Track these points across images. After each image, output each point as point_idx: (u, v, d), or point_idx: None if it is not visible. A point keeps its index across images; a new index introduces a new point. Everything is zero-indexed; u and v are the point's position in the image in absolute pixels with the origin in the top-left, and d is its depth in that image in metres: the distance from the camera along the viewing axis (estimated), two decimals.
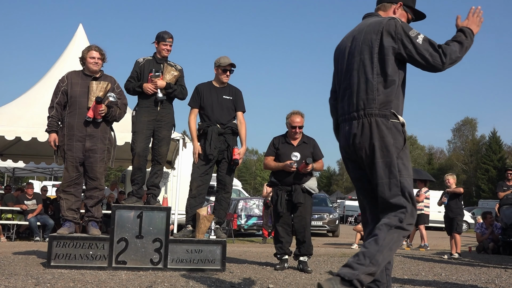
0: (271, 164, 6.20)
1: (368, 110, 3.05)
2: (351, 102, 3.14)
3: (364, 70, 3.09)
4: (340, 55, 3.31)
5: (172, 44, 5.99)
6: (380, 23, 3.09)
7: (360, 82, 3.10)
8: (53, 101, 5.75)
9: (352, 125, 3.11)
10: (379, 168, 3.02)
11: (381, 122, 3.03)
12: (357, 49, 3.15)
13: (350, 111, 3.14)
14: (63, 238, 5.38)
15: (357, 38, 3.18)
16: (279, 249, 6.14)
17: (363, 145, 3.06)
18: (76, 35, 11.93)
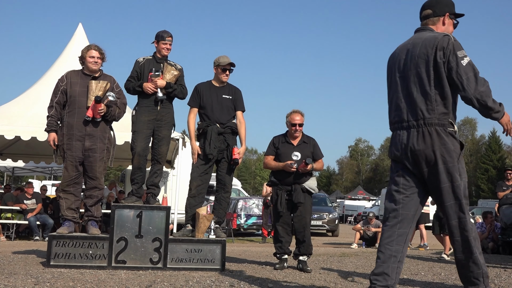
0: (271, 163, 6.20)
1: (428, 120, 3.30)
2: (409, 112, 3.38)
3: (422, 82, 3.33)
4: (393, 67, 3.54)
5: (172, 43, 5.99)
6: (435, 38, 3.33)
7: (418, 94, 3.34)
8: (53, 101, 5.75)
9: (410, 133, 3.36)
10: (442, 174, 3.30)
11: (440, 131, 3.30)
12: (413, 62, 3.38)
13: (408, 119, 3.38)
14: (62, 237, 5.38)
15: (412, 52, 3.40)
16: (279, 248, 6.14)
17: (423, 153, 3.31)
18: (75, 35, 11.92)
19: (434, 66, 3.31)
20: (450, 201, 3.37)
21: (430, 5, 3.55)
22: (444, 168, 3.30)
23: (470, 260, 3.37)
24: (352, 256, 8.34)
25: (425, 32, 3.50)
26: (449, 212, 3.39)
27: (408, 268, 6.66)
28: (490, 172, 55.09)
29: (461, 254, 3.39)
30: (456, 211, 3.35)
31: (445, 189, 3.33)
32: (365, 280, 5.35)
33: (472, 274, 3.38)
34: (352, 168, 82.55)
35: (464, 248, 3.38)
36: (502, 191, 10.86)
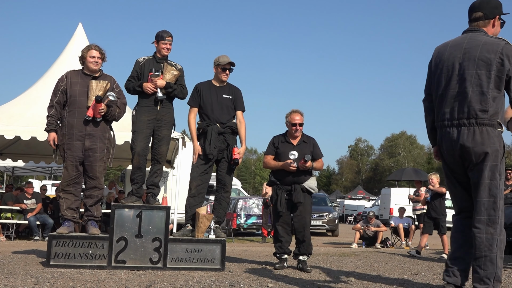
0: (271, 163, 6.20)
1: (481, 120, 3.50)
2: (461, 110, 3.55)
3: (480, 83, 3.50)
4: (445, 63, 3.67)
5: (172, 43, 5.99)
6: (497, 44, 3.52)
7: (474, 94, 3.51)
8: (53, 100, 5.75)
9: (461, 131, 3.54)
10: (486, 171, 3.50)
11: (490, 130, 3.50)
12: (471, 62, 3.54)
13: (459, 117, 3.56)
14: (62, 237, 5.38)
15: (470, 53, 3.56)
16: (279, 248, 6.14)
17: (472, 150, 3.50)
18: (75, 35, 11.92)
19: (496, 71, 3.48)
20: (485, 198, 3.53)
21: (481, 8, 3.68)
22: (488, 165, 3.49)
23: (487, 258, 3.46)
24: (352, 256, 8.35)
25: (479, 34, 3.65)
26: (480, 208, 3.54)
27: (408, 268, 6.66)
28: None
29: (481, 251, 3.49)
30: (488, 209, 3.51)
31: (483, 185, 3.52)
32: (364, 280, 5.35)
33: (485, 273, 3.45)
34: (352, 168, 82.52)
35: (486, 245, 3.47)
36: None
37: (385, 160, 74.14)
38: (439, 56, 3.75)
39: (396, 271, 6.28)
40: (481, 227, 3.51)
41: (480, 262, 3.50)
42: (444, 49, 3.73)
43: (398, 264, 7.16)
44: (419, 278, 5.68)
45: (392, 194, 28.39)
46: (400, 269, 6.53)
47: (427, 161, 70.62)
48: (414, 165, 66.48)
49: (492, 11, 3.68)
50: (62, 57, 11.66)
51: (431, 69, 3.81)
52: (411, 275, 5.96)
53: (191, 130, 6.02)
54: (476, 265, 3.52)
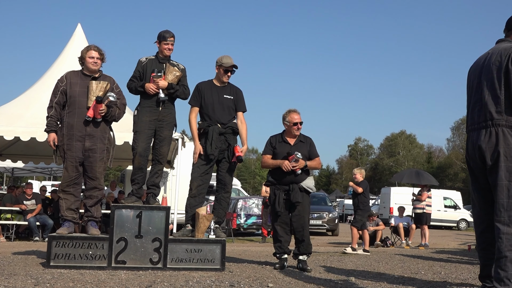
0: (269, 162, 6.21)
1: (496, 121, 3.60)
2: (481, 114, 3.70)
3: (493, 87, 3.63)
4: (473, 74, 3.85)
5: (174, 43, 5.98)
6: (510, 48, 3.64)
7: (489, 97, 3.65)
8: (52, 101, 5.74)
9: (480, 133, 3.67)
10: (501, 171, 3.55)
11: (507, 132, 3.58)
12: (487, 68, 3.69)
13: (479, 121, 3.71)
14: (62, 238, 5.38)
15: (489, 59, 3.72)
16: (278, 248, 6.14)
17: (488, 150, 3.61)
18: (74, 35, 11.92)
19: (505, 72, 3.59)
20: (504, 199, 3.56)
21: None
22: (504, 166, 3.54)
23: (508, 259, 3.48)
24: (352, 256, 8.36)
25: (504, 42, 3.80)
26: (500, 209, 3.57)
27: (408, 267, 6.67)
28: None
29: (501, 252, 3.52)
30: (508, 209, 3.54)
31: (500, 186, 3.56)
32: (364, 279, 5.36)
33: (505, 274, 3.48)
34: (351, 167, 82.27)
35: (506, 246, 3.50)
36: None
37: (384, 160, 74.12)
38: (470, 70, 3.91)
39: (396, 270, 6.28)
40: (502, 228, 3.53)
41: (500, 263, 3.51)
42: (476, 62, 3.89)
43: (398, 264, 7.16)
44: (419, 277, 5.68)
45: (392, 194, 28.39)
46: (400, 268, 6.53)
47: (426, 160, 70.63)
48: (413, 164, 66.48)
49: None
50: (61, 57, 11.66)
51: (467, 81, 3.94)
52: (411, 274, 5.96)
53: (192, 129, 6.00)
54: (497, 266, 3.53)
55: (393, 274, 5.88)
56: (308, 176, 6.16)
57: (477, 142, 3.69)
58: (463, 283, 5.40)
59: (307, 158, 6.11)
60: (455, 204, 28.69)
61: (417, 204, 13.03)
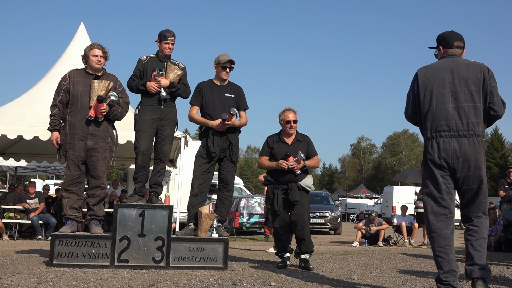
0: (265, 163, 6.22)
1: (477, 131, 3.98)
2: (460, 123, 4.00)
3: (473, 99, 4.00)
4: (435, 82, 4.12)
5: (175, 42, 5.98)
6: (480, 66, 4.09)
7: (470, 109, 3.99)
8: (55, 100, 5.75)
9: (462, 142, 3.96)
10: (479, 177, 3.97)
11: (481, 141, 4.01)
12: (461, 81, 4.04)
13: (459, 129, 3.99)
14: (65, 236, 5.39)
15: (458, 73, 4.07)
16: (280, 247, 6.14)
17: (473, 158, 3.94)
18: (77, 34, 11.92)
19: (483, 87, 4.01)
20: (479, 200, 4.02)
21: (462, 40, 4.28)
22: (480, 173, 3.97)
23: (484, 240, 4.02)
24: (355, 254, 8.35)
25: (459, 58, 4.20)
26: (479, 208, 4.05)
27: (411, 266, 6.66)
28: (492, 169, 54.87)
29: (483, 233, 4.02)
30: (484, 207, 4.06)
31: (483, 189, 4.00)
32: (367, 278, 5.35)
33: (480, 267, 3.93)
34: (354, 166, 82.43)
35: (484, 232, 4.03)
36: (504, 189, 10.85)
37: (387, 159, 74.06)
38: (426, 76, 4.16)
39: (399, 269, 6.27)
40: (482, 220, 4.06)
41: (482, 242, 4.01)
42: (430, 71, 4.17)
43: (401, 262, 7.15)
44: (422, 276, 5.68)
45: (394, 193, 28.36)
46: (403, 267, 6.53)
47: None
48: (416, 163, 66.35)
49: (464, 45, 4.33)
50: (64, 56, 11.66)
51: (418, 88, 4.18)
52: (413, 273, 5.96)
53: (199, 120, 5.99)
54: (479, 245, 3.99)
55: (395, 273, 5.88)
56: (307, 175, 6.16)
57: (461, 151, 3.96)
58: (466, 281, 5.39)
59: (305, 157, 6.11)
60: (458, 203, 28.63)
61: (419, 203, 13.01)
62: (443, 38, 4.31)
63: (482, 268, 3.90)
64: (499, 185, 11.17)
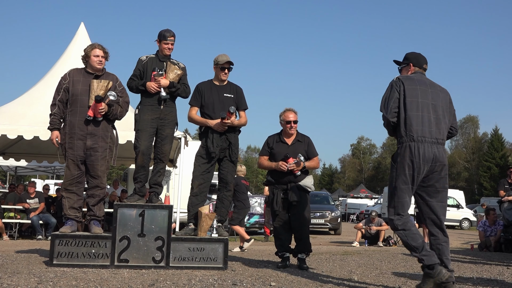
0: (264, 163, 6.22)
1: (445, 141, 4.50)
2: (438, 131, 4.43)
3: (445, 114, 4.51)
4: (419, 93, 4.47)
5: (174, 42, 5.98)
6: (446, 90, 4.66)
7: (444, 121, 4.49)
8: (55, 99, 5.74)
9: (439, 148, 4.39)
10: (446, 180, 4.46)
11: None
12: (437, 97, 4.52)
13: (437, 137, 4.41)
14: (65, 236, 5.39)
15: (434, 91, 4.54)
16: (280, 247, 6.14)
17: (445, 163, 4.42)
18: (77, 34, 11.92)
19: (449, 109, 4.58)
20: (444, 201, 4.48)
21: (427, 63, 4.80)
22: (446, 177, 4.46)
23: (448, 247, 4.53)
24: (355, 255, 8.35)
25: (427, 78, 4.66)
26: (443, 210, 4.47)
27: (411, 266, 6.66)
28: (492, 170, 54.94)
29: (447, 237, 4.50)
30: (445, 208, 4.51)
31: (446, 192, 4.49)
32: (367, 278, 5.35)
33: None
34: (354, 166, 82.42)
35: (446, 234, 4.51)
36: (504, 189, 10.85)
37: (387, 159, 73.93)
38: (411, 85, 4.48)
39: (399, 269, 6.28)
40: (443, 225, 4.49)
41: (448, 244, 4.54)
42: (414, 81, 4.52)
43: (400, 262, 7.15)
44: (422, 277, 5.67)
45: None
46: (403, 267, 6.53)
47: None
48: None
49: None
50: (64, 56, 11.67)
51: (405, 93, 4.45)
52: (413, 273, 5.96)
53: (199, 120, 5.99)
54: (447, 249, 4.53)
55: (395, 273, 5.87)
56: (307, 175, 6.16)
57: (438, 157, 4.38)
58: (466, 282, 5.39)
59: (305, 157, 6.11)
60: (458, 203, 28.66)
61: None
62: (415, 58, 4.77)
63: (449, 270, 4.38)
64: (499, 185, 11.18)
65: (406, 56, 4.79)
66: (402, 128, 4.38)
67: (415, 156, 4.30)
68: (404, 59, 4.79)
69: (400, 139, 4.40)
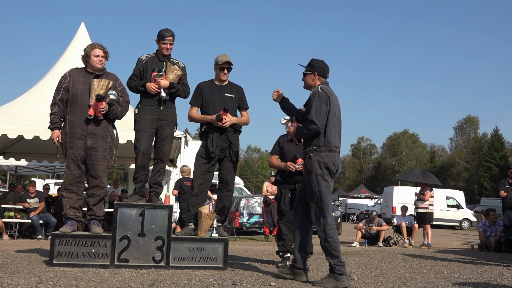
0: (274, 163, 6.27)
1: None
2: (340, 142, 4.97)
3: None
4: (337, 105, 4.95)
5: (173, 41, 5.97)
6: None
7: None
8: (55, 98, 5.73)
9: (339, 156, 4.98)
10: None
11: None
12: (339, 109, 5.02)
13: (339, 147, 4.97)
14: (65, 236, 5.39)
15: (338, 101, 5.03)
16: (281, 246, 6.14)
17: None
18: (78, 34, 11.94)
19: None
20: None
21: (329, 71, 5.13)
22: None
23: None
24: (355, 255, 8.35)
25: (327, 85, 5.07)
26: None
27: (411, 267, 6.66)
28: (492, 170, 54.93)
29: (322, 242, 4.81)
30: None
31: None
32: (367, 278, 5.35)
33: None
34: (354, 166, 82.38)
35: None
36: (505, 190, 10.86)
37: (387, 159, 74.01)
38: (332, 99, 4.90)
39: (399, 270, 6.28)
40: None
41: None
42: (333, 96, 4.93)
43: (400, 263, 7.15)
44: (421, 277, 5.68)
45: (394, 193, 28.36)
46: (403, 268, 6.53)
47: (429, 159, 70.49)
48: (416, 164, 66.36)
49: None
50: (64, 56, 11.68)
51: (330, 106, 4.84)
52: (413, 273, 5.96)
53: (199, 118, 5.99)
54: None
55: (395, 274, 5.88)
56: None
57: (340, 162, 4.97)
58: (466, 282, 5.39)
59: None
60: (458, 204, 28.65)
61: (420, 204, 13.01)
62: (321, 67, 5.01)
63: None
64: (500, 186, 11.18)
65: (312, 64, 5.04)
66: (322, 139, 4.82)
67: (334, 164, 4.83)
68: (310, 66, 5.04)
69: (318, 148, 4.81)
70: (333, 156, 4.84)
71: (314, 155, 4.81)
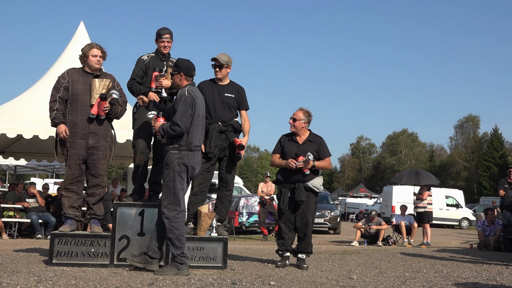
0: (276, 161, 6.28)
1: None
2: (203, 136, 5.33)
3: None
4: (201, 108, 5.22)
5: (172, 39, 5.97)
6: None
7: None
8: (55, 95, 5.68)
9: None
10: None
11: None
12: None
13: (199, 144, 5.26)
14: (65, 235, 5.39)
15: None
16: (281, 245, 6.14)
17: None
18: (77, 33, 11.92)
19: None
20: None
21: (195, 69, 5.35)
22: None
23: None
24: (354, 254, 8.35)
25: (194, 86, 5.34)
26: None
27: (410, 266, 6.67)
28: (492, 169, 54.92)
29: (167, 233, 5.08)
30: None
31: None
32: (366, 278, 5.36)
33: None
34: (353, 165, 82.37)
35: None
36: (504, 189, 10.86)
37: (387, 158, 74.03)
38: (198, 101, 5.17)
39: (398, 269, 6.28)
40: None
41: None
42: (198, 98, 5.18)
43: (400, 262, 7.16)
44: (421, 276, 5.68)
45: (394, 192, 28.35)
46: (402, 267, 6.54)
47: (429, 158, 70.51)
48: (416, 163, 66.36)
49: None
50: (63, 55, 11.66)
51: (195, 108, 5.12)
52: (413, 272, 5.97)
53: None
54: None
55: (394, 273, 5.88)
56: (316, 176, 6.15)
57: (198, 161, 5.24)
58: (465, 281, 5.40)
59: (316, 158, 6.11)
60: (457, 203, 28.66)
61: (418, 203, 13.02)
62: (186, 68, 5.23)
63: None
64: (499, 185, 11.19)
65: (177, 64, 5.29)
66: (184, 138, 5.07)
67: (192, 163, 5.09)
68: (175, 66, 5.29)
69: (180, 147, 5.06)
70: (193, 155, 5.14)
71: (175, 153, 5.07)
